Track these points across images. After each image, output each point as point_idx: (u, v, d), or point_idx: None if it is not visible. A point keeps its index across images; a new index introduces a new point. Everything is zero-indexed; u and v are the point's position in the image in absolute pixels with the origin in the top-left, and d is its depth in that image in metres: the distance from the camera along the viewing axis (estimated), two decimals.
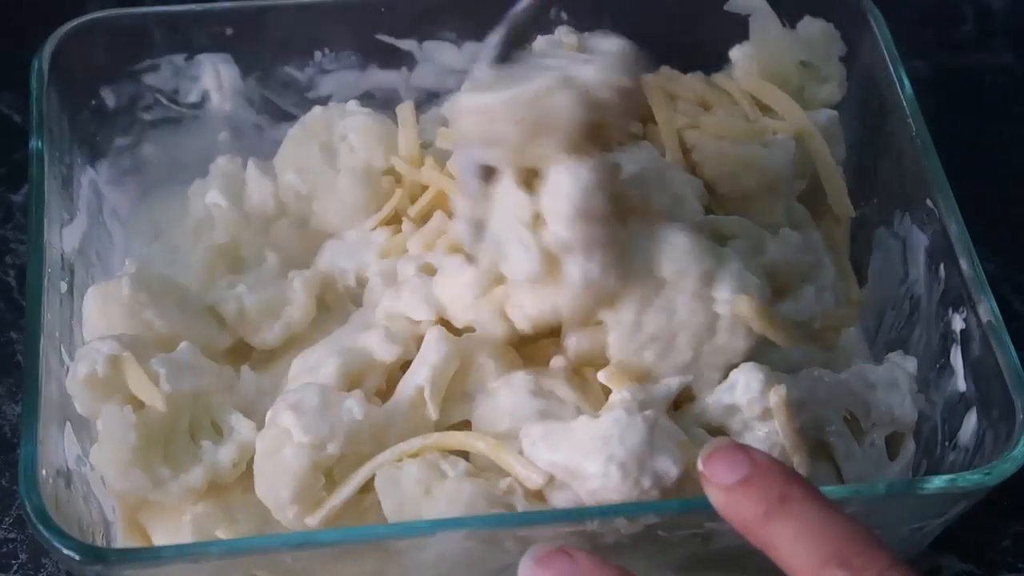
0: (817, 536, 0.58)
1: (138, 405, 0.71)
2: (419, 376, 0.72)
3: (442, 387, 0.72)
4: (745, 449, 0.61)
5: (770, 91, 0.85)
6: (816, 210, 0.86)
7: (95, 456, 0.70)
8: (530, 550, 0.62)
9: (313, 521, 0.68)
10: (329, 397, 0.69)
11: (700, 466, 0.62)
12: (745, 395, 0.71)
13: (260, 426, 0.71)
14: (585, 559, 0.61)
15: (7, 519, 0.82)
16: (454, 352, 0.72)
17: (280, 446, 0.68)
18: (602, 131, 0.68)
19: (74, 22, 0.85)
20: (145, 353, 0.72)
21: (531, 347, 0.75)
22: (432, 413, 0.71)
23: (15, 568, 0.80)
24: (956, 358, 0.76)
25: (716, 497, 0.61)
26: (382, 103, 0.92)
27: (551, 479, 0.68)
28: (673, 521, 0.66)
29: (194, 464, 0.71)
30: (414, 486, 0.68)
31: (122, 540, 0.73)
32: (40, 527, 0.64)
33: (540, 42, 0.81)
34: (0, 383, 0.87)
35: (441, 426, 0.72)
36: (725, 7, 0.84)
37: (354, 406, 0.69)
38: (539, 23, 0.91)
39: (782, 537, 0.58)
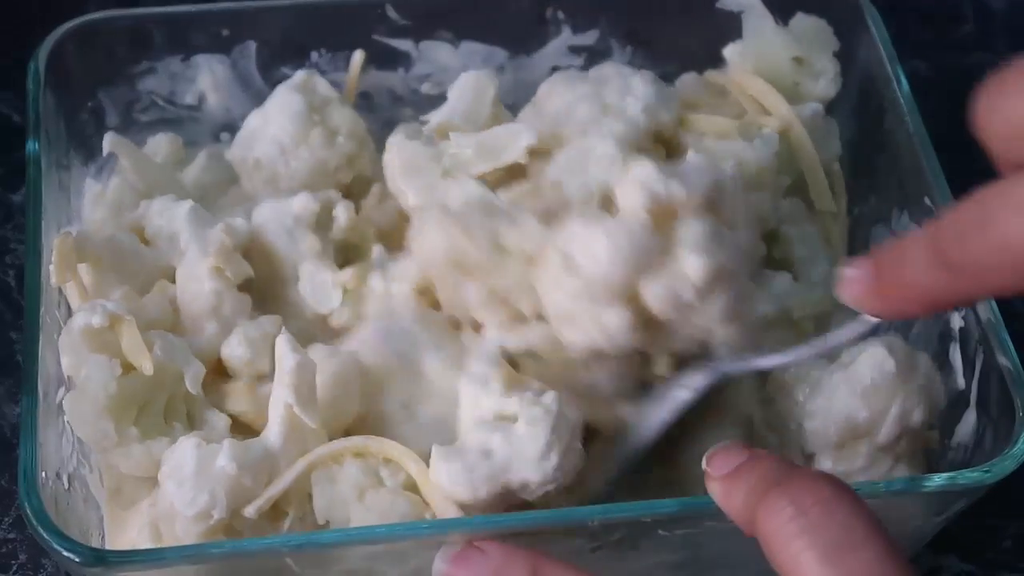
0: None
1: (125, 369, 0.70)
2: (282, 394, 0.69)
3: (310, 394, 0.69)
4: (745, 446, 0.62)
5: (756, 85, 0.85)
6: (814, 206, 0.86)
7: (69, 400, 0.69)
8: (440, 552, 0.62)
9: (251, 510, 0.67)
10: (203, 456, 0.67)
11: (704, 465, 0.62)
12: None
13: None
14: (496, 550, 0.62)
15: (7, 519, 0.82)
16: (308, 358, 0.69)
17: (171, 519, 0.67)
18: None
19: (70, 23, 0.85)
20: (145, 326, 0.72)
21: None
22: (310, 423, 0.68)
23: (15, 568, 0.80)
24: (955, 356, 0.76)
25: (713, 488, 0.61)
26: (379, 104, 0.92)
27: None
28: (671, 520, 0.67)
29: (164, 437, 0.70)
30: (349, 488, 0.68)
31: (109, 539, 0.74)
32: (40, 529, 0.64)
33: None
34: (0, 383, 0.87)
35: (336, 434, 0.71)
36: (717, 4, 0.84)
37: (226, 462, 0.67)
38: (539, 24, 0.92)
39: (757, 510, 0.58)
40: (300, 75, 0.85)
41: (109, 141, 0.84)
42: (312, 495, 0.69)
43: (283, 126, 0.82)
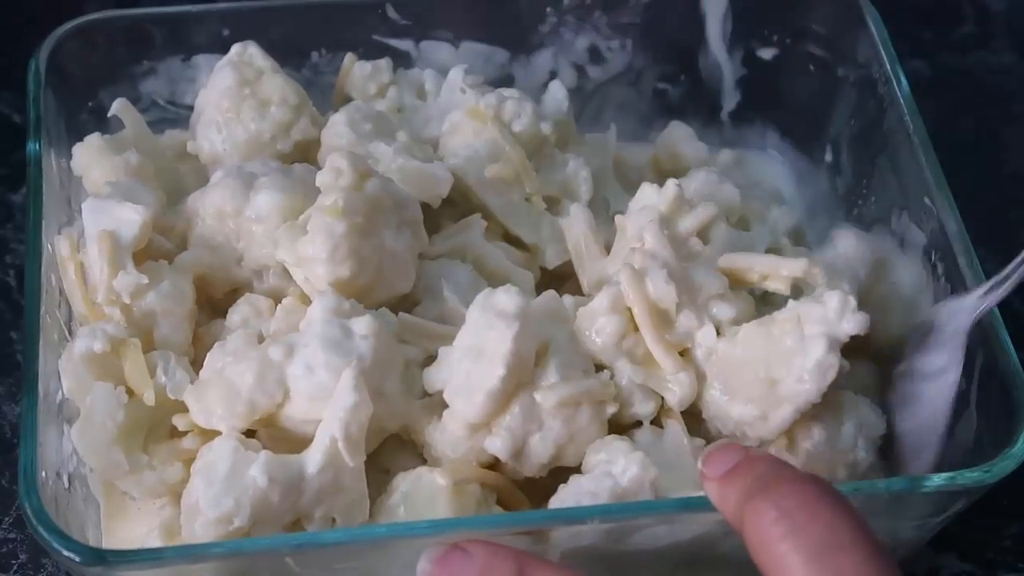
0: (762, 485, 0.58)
1: (128, 393, 0.70)
2: (331, 427, 0.68)
3: (358, 435, 0.68)
4: (741, 446, 0.61)
5: None
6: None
7: (77, 430, 0.69)
8: (425, 553, 0.62)
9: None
10: (238, 461, 0.67)
11: (700, 465, 0.62)
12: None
13: None
14: (480, 551, 0.61)
15: (7, 519, 0.82)
16: (366, 399, 0.68)
17: (193, 516, 0.67)
18: None
19: (71, 23, 0.85)
20: (149, 344, 0.73)
21: None
22: (350, 461, 0.68)
23: (15, 568, 0.80)
24: None
25: (709, 489, 0.61)
26: None
27: None
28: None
29: (175, 460, 0.70)
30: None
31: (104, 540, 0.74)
32: (40, 529, 0.63)
33: None
34: (0, 383, 0.87)
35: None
36: None
37: (258, 474, 0.66)
38: (540, 24, 0.92)
39: (743, 513, 0.58)
40: (235, 49, 0.84)
41: (117, 105, 0.84)
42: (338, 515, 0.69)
43: (217, 104, 0.82)
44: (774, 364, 0.70)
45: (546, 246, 0.81)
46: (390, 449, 0.73)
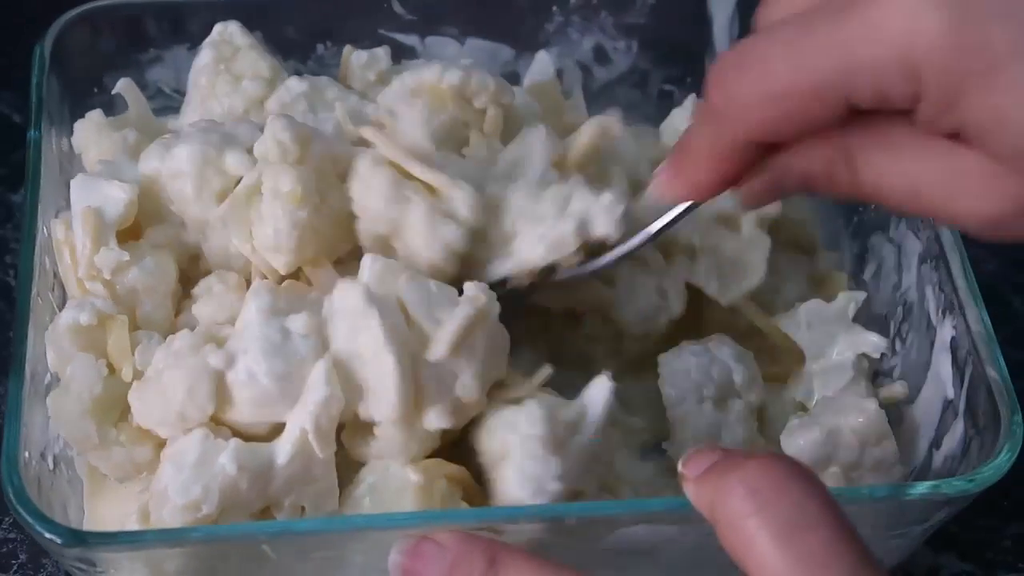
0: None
1: (110, 368, 0.71)
2: (302, 418, 0.67)
3: (329, 428, 0.67)
4: (720, 448, 0.61)
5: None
6: None
7: (53, 398, 0.69)
8: (396, 544, 0.62)
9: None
10: (207, 449, 0.67)
11: (680, 468, 0.62)
12: None
13: None
14: (453, 542, 0.61)
15: (7, 519, 0.82)
16: (338, 393, 0.67)
17: (162, 503, 0.67)
18: None
19: (77, 10, 0.86)
20: (132, 323, 0.73)
21: None
22: (319, 453, 0.67)
23: (15, 568, 0.80)
24: (946, 366, 0.76)
25: (687, 489, 0.61)
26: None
27: None
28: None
29: (146, 440, 0.70)
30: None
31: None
32: (20, 510, 0.64)
33: None
34: (0, 383, 0.87)
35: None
36: None
37: (227, 462, 0.66)
38: (545, 22, 0.92)
39: (713, 497, 0.57)
40: (217, 28, 0.85)
41: (121, 84, 0.85)
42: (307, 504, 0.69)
43: (195, 82, 0.83)
44: (527, 221, 0.72)
45: None
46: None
